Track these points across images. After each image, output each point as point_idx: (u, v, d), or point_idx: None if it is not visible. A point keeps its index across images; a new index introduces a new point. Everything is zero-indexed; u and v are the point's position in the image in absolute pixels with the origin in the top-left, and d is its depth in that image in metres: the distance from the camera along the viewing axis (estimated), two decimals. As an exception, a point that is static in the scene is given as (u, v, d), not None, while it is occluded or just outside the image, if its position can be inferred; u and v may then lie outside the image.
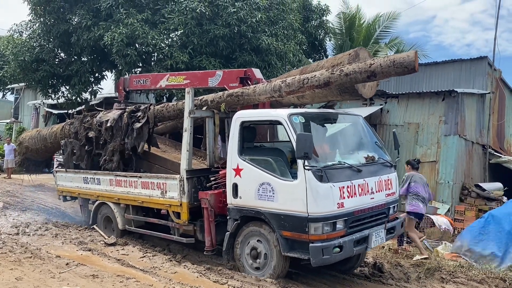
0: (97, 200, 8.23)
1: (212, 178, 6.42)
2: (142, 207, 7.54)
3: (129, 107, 8.24)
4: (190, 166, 6.62)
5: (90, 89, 14.73)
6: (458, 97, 10.49)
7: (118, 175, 7.75)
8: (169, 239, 7.14)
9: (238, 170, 5.82)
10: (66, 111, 16.91)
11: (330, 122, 6.27)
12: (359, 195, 5.47)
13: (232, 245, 5.98)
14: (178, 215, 6.68)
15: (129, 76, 10.28)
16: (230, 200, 5.93)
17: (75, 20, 13.14)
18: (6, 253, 6.62)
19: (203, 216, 6.29)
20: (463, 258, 7.40)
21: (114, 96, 16.07)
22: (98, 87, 15.06)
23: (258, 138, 7.14)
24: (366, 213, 5.58)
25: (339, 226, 5.23)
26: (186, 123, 6.65)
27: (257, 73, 7.54)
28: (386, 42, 18.34)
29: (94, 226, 8.20)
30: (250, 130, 6.31)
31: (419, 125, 10.94)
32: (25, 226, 8.46)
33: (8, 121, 26.58)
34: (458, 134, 10.44)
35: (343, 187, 5.27)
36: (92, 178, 8.28)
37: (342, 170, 5.44)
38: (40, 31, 13.76)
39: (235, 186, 5.84)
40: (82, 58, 14.25)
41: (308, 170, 5.09)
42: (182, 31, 12.01)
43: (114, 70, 14.51)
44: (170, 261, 6.49)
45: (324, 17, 17.70)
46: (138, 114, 7.83)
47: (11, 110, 28.08)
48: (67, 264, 6.15)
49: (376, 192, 5.72)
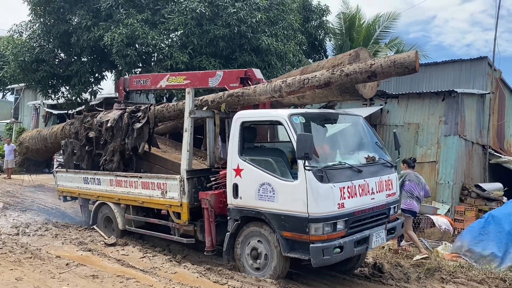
0: (97, 200, 8.24)
1: (212, 178, 6.42)
2: (143, 207, 7.55)
3: (129, 107, 8.23)
4: (191, 166, 6.63)
5: (90, 89, 14.73)
6: (458, 97, 10.49)
7: (118, 175, 7.75)
8: (169, 240, 7.14)
9: (238, 171, 5.81)
10: (66, 112, 16.91)
11: (330, 122, 6.27)
12: (360, 196, 5.46)
13: (232, 245, 5.98)
14: (178, 216, 6.68)
15: (129, 76, 10.28)
16: (231, 200, 5.93)
17: (75, 20, 13.14)
18: (6, 253, 6.62)
19: (204, 216, 6.29)
20: (463, 258, 7.39)
21: (114, 96, 16.07)
22: (98, 88, 15.07)
23: (258, 138, 7.14)
24: (366, 213, 5.57)
25: (340, 226, 5.22)
26: (187, 123, 6.65)
27: (257, 73, 7.54)
28: (386, 43, 18.34)
29: (94, 227, 8.20)
30: (250, 130, 6.32)
31: (419, 125, 10.94)
32: (25, 226, 8.47)
33: (8, 121, 26.57)
34: (458, 135, 10.44)
35: (344, 188, 5.26)
36: (92, 178, 8.28)
37: (343, 170, 5.44)
38: (40, 32, 13.76)
39: (236, 187, 5.84)
40: (82, 59, 14.24)
41: (308, 170, 5.09)
42: (182, 32, 12.01)
43: (114, 71, 14.52)
44: (170, 261, 6.49)
45: (324, 17, 17.69)
46: (139, 114, 7.83)
47: (11, 111, 28.08)
48: (67, 264, 6.15)
49: (376, 192, 5.72)
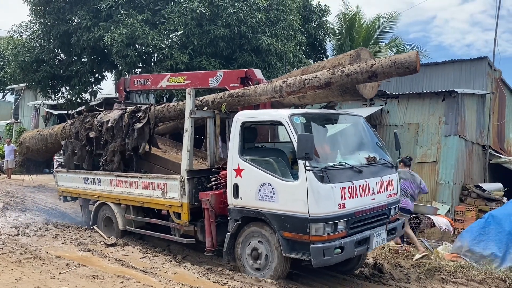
0: (97, 200, 8.24)
1: (212, 178, 6.41)
2: (143, 208, 7.55)
3: (130, 107, 8.23)
4: (191, 166, 6.62)
5: (90, 89, 14.71)
6: (458, 97, 10.48)
7: (118, 176, 7.75)
8: (169, 240, 7.14)
9: (239, 171, 5.81)
10: (66, 112, 16.90)
11: (331, 122, 6.27)
12: (360, 196, 5.46)
13: (232, 245, 5.97)
14: (178, 216, 6.68)
15: (129, 76, 10.28)
16: (231, 200, 5.92)
17: (75, 20, 13.13)
18: (6, 253, 6.62)
19: (204, 216, 6.29)
20: (463, 258, 7.39)
21: (114, 96, 16.07)
22: (98, 88, 15.05)
23: (259, 138, 7.14)
24: (367, 214, 5.57)
25: (340, 227, 5.22)
26: (187, 124, 6.65)
27: (258, 73, 7.53)
28: (386, 43, 18.33)
29: (94, 227, 8.20)
30: (251, 131, 6.32)
31: (419, 125, 10.93)
32: (25, 226, 8.47)
33: (8, 121, 26.57)
34: (458, 135, 10.43)
35: (344, 188, 5.26)
36: (92, 178, 8.28)
37: (343, 170, 5.44)
38: (40, 32, 13.74)
39: (236, 187, 5.84)
40: (82, 59, 14.23)
41: (309, 170, 5.08)
42: (182, 32, 11.99)
43: (114, 71, 14.51)
44: (170, 261, 6.49)
45: (324, 17, 17.67)
46: (139, 114, 7.83)
47: (11, 111, 28.07)
48: (67, 264, 6.16)
49: (377, 193, 5.72)
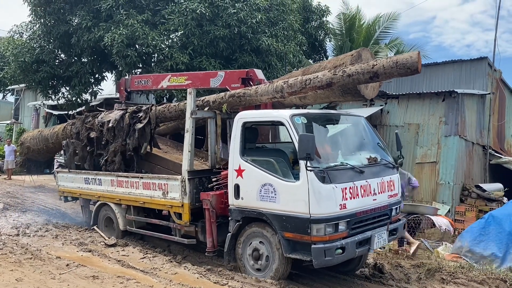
0: (98, 200, 8.24)
1: (213, 179, 6.41)
2: (144, 208, 7.54)
3: (130, 108, 8.23)
4: (192, 167, 6.62)
5: (90, 90, 14.70)
6: (458, 97, 10.49)
7: (119, 176, 7.75)
8: (169, 240, 7.14)
9: (240, 171, 5.80)
10: (67, 112, 16.90)
11: (332, 123, 6.27)
12: (362, 196, 5.46)
13: (233, 246, 5.97)
14: (179, 216, 6.68)
15: (130, 76, 10.28)
16: (232, 201, 5.92)
17: (75, 21, 13.12)
18: (6, 254, 6.62)
19: (205, 217, 6.28)
20: (464, 258, 7.39)
21: (114, 97, 16.09)
22: (98, 88, 15.04)
23: (260, 139, 7.13)
24: (368, 214, 5.57)
25: (342, 227, 5.22)
26: (188, 124, 6.65)
27: (259, 73, 7.53)
28: (386, 43, 18.31)
29: (95, 227, 8.19)
30: (252, 131, 6.32)
31: (419, 125, 10.93)
32: (25, 227, 8.47)
33: (8, 122, 26.56)
34: (459, 135, 10.44)
35: (346, 188, 5.26)
36: (93, 178, 8.27)
37: (345, 171, 5.43)
38: (40, 32, 13.74)
39: (237, 187, 5.83)
40: (82, 59, 14.22)
41: (310, 171, 5.07)
42: (182, 32, 11.99)
43: (114, 71, 14.51)
44: (171, 262, 6.49)
45: (324, 18, 17.66)
46: (140, 114, 7.82)
47: (12, 111, 28.06)
48: (68, 265, 6.15)
49: (378, 193, 5.71)
